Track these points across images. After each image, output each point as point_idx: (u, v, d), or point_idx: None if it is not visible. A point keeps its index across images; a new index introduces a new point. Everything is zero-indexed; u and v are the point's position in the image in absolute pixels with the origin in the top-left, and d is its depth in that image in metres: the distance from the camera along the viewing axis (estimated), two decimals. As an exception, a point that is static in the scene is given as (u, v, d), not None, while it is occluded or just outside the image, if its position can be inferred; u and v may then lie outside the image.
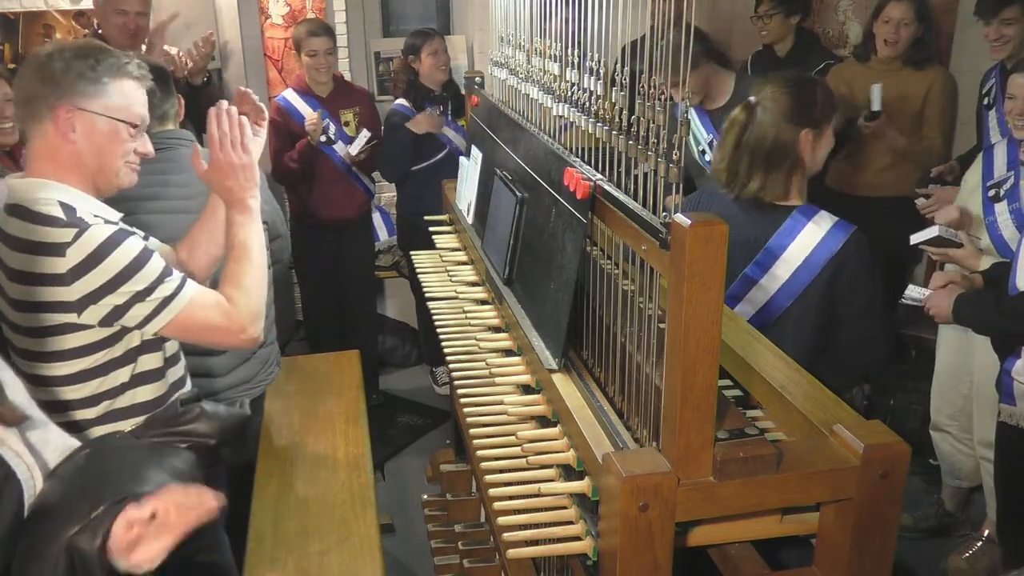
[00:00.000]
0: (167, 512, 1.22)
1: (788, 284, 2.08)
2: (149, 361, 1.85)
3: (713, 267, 1.21)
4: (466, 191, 2.64)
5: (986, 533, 2.96)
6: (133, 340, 1.79)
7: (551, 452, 1.56)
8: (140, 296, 1.68)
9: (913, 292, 2.58)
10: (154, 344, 1.85)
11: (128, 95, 1.78)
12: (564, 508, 1.49)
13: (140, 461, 1.29)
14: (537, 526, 1.47)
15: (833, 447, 1.39)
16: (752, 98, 2.13)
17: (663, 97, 1.38)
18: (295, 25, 4.26)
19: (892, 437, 1.38)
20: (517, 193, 2.01)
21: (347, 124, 3.98)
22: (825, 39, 4.35)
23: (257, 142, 1.92)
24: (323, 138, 3.88)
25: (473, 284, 2.35)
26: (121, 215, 1.82)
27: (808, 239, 2.07)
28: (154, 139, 2.37)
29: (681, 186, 1.35)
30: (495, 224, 2.19)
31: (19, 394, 1.37)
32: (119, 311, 1.69)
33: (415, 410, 4.33)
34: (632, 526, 1.28)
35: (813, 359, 1.99)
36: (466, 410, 1.74)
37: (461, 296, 2.26)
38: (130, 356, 1.80)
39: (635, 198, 1.48)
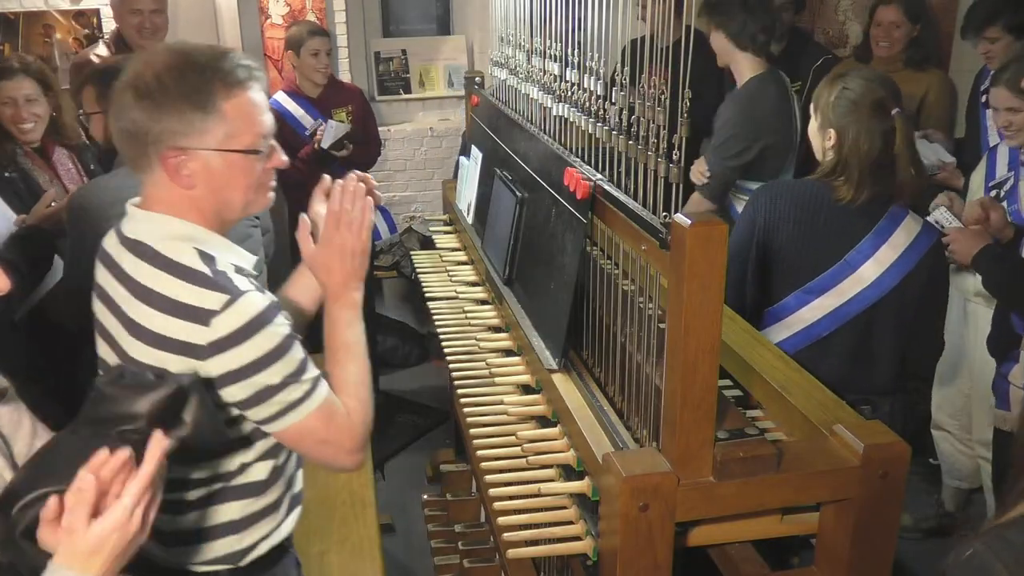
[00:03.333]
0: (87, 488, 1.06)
1: (885, 275, 2.09)
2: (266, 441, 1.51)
3: (713, 267, 1.21)
4: (466, 191, 2.64)
5: (986, 533, 2.95)
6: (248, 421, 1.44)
7: (551, 452, 1.57)
8: (272, 391, 1.35)
9: (943, 216, 2.52)
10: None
11: (248, 111, 1.38)
12: (564, 508, 1.49)
13: (72, 455, 1.21)
14: (537, 526, 1.48)
15: (833, 447, 1.39)
16: (895, 110, 2.06)
17: (663, 97, 1.38)
18: (290, 25, 4.27)
19: (892, 437, 1.38)
20: (517, 193, 2.01)
21: (340, 122, 3.98)
22: (825, 39, 4.36)
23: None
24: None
25: (473, 284, 2.35)
26: (255, 259, 1.50)
27: (907, 231, 2.09)
28: None
29: (681, 186, 1.35)
30: (495, 224, 2.19)
31: None
32: (245, 403, 1.36)
33: (415, 410, 4.32)
34: (632, 526, 1.28)
35: (900, 352, 2.13)
36: (466, 410, 1.74)
37: (461, 296, 2.26)
38: (252, 437, 1.47)
39: (635, 198, 1.48)
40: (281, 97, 3.92)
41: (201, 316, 1.30)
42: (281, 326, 1.35)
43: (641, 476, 1.27)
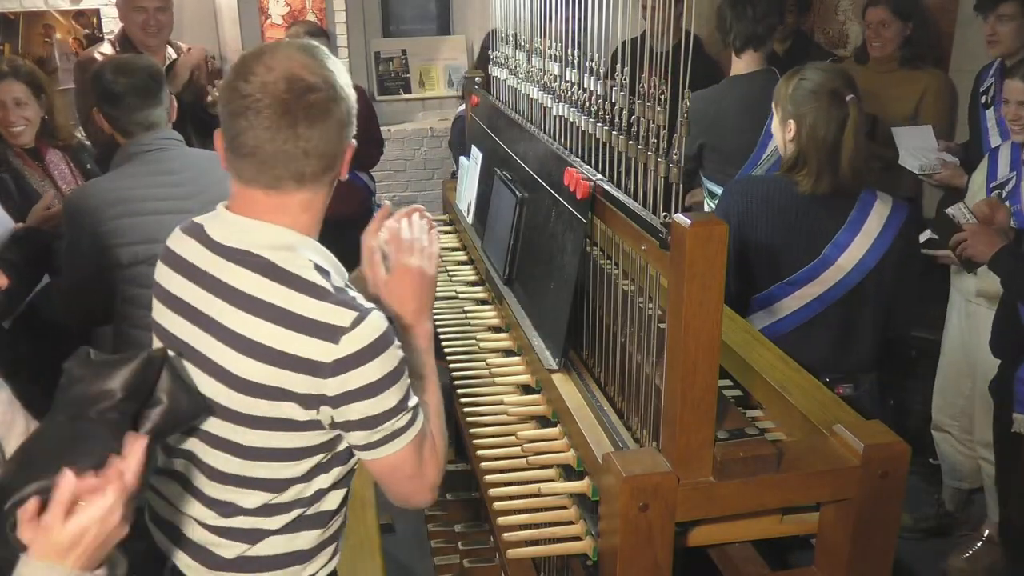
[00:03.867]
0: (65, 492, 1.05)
1: (864, 259, 2.14)
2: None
3: (713, 267, 1.21)
4: (466, 191, 2.64)
5: (986, 533, 2.95)
6: (341, 444, 1.39)
7: (551, 452, 1.57)
8: (385, 417, 1.30)
9: (959, 212, 2.50)
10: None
11: None
12: (564, 508, 1.49)
13: (48, 445, 1.20)
14: (537, 526, 1.48)
15: (833, 447, 1.39)
16: (849, 96, 2.11)
17: (663, 97, 1.38)
18: (289, 26, 4.27)
19: (892, 437, 1.38)
20: (517, 193, 2.01)
21: None
22: (825, 39, 4.36)
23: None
24: None
25: (473, 284, 2.35)
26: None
27: (879, 215, 2.14)
28: (146, 142, 2.37)
29: (681, 186, 1.35)
30: (495, 224, 2.19)
31: None
32: (356, 425, 1.30)
33: (415, 410, 4.32)
34: (632, 526, 1.28)
35: (881, 324, 2.20)
36: (466, 410, 1.74)
37: (461, 296, 2.26)
38: (334, 462, 1.41)
39: (635, 198, 1.48)
40: None
41: (330, 333, 1.24)
42: (399, 348, 1.31)
43: (641, 476, 1.27)
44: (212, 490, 1.37)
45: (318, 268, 1.31)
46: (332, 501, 1.42)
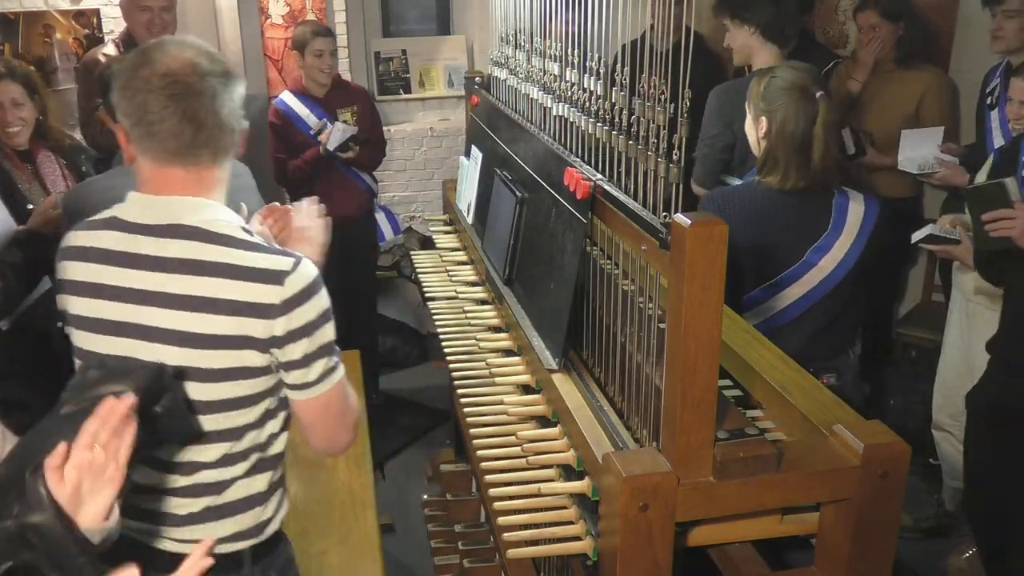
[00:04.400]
0: (86, 452, 1.13)
1: (845, 259, 2.19)
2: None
3: (713, 267, 1.21)
4: (466, 191, 2.64)
5: (986, 533, 2.96)
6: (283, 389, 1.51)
7: (551, 452, 1.57)
8: (322, 352, 1.44)
9: (1013, 186, 2.45)
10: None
11: None
12: (564, 508, 1.49)
13: (51, 429, 1.23)
14: (537, 526, 1.48)
15: (833, 447, 1.39)
16: (818, 92, 2.15)
17: (663, 97, 1.38)
18: (294, 26, 4.27)
19: (892, 437, 1.38)
20: (517, 193, 2.01)
21: (346, 123, 3.98)
22: (825, 39, 4.35)
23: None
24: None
25: (473, 284, 2.35)
26: None
27: (855, 215, 2.19)
28: None
29: (681, 186, 1.35)
30: (495, 224, 2.19)
31: None
32: (298, 363, 1.43)
33: (415, 410, 4.32)
34: (632, 526, 1.28)
35: (860, 312, 2.29)
36: (466, 410, 1.74)
37: (461, 296, 2.26)
38: (279, 407, 1.53)
39: (635, 198, 1.48)
40: (287, 97, 3.92)
41: (276, 277, 1.38)
42: (326, 291, 1.46)
43: (641, 476, 1.27)
44: (171, 454, 1.45)
45: (244, 230, 1.45)
46: (279, 445, 1.56)
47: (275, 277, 1.38)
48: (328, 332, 1.45)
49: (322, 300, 1.43)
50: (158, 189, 1.42)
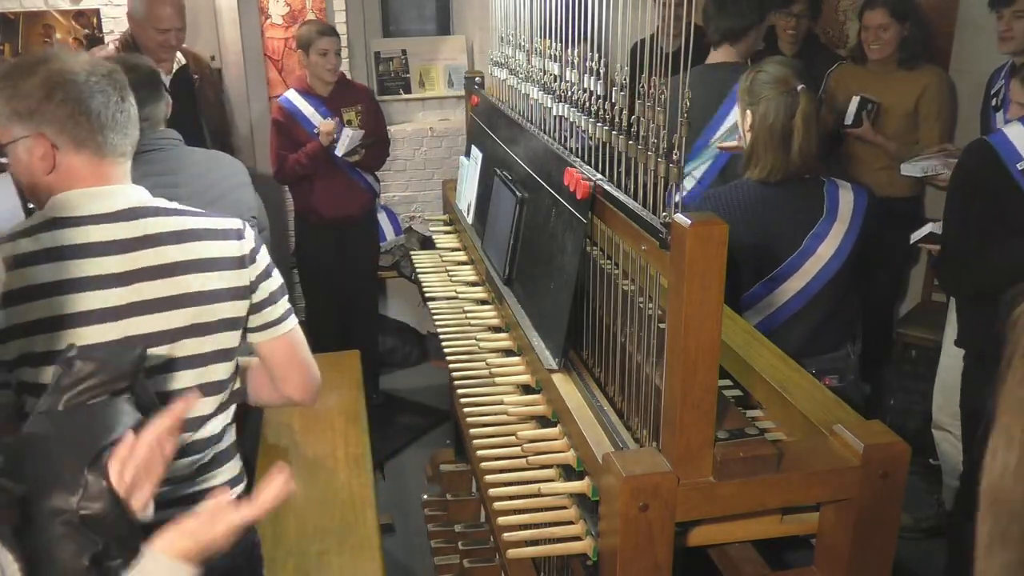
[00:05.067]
0: (147, 449, 1.15)
1: (841, 246, 2.23)
2: None
3: (713, 267, 1.21)
4: (466, 191, 2.64)
5: (986, 533, 2.95)
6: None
7: (551, 452, 1.56)
8: (279, 293, 1.65)
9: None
10: None
11: None
12: (564, 508, 1.49)
13: (91, 419, 1.23)
14: (537, 526, 1.47)
15: (833, 447, 1.39)
16: (799, 85, 2.21)
17: (663, 97, 1.38)
18: (297, 25, 4.27)
19: (892, 437, 1.38)
20: (517, 193, 2.01)
21: (350, 122, 3.98)
22: (825, 39, 4.36)
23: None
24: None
25: (473, 284, 2.35)
26: None
27: (846, 203, 2.24)
28: (144, 142, 2.37)
29: (681, 186, 1.35)
30: (495, 224, 2.19)
31: None
32: (266, 302, 1.63)
33: (415, 410, 4.32)
34: (632, 526, 1.28)
35: (857, 302, 2.34)
36: (466, 410, 1.74)
37: (461, 296, 2.26)
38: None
39: (635, 198, 1.48)
40: (292, 95, 3.92)
41: (236, 232, 1.60)
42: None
43: (641, 476, 1.27)
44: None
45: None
46: (236, 398, 1.72)
47: (236, 233, 1.60)
48: (278, 278, 1.66)
49: (267, 251, 1.66)
50: (98, 182, 1.51)
